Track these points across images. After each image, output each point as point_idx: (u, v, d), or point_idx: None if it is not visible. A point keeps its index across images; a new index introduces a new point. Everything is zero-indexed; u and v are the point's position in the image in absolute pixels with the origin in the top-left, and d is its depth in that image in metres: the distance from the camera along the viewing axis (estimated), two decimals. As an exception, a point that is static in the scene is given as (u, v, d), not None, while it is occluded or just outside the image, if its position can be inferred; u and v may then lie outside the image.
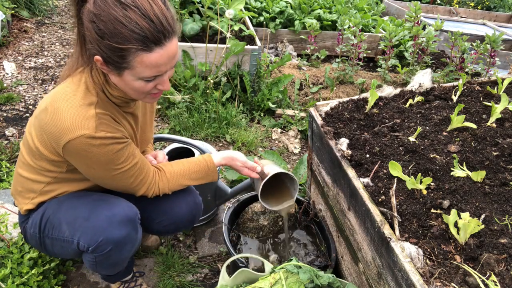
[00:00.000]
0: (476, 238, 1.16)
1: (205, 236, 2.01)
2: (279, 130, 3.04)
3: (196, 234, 2.02)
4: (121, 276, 1.55)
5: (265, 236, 1.86)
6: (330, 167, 1.63)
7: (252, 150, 2.76)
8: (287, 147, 2.88)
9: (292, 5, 4.34)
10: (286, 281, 1.29)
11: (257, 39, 3.31)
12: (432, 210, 1.25)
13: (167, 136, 1.88)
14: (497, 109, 1.63)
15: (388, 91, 1.96)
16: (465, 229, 1.11)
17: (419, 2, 5.75)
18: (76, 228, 1.24)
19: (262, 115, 3.17)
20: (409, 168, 1.41)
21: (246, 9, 4.18)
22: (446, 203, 1.25)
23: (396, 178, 1.35)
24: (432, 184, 1.35)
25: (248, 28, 3.51)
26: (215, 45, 3.01)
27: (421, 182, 1.27)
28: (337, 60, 3.64)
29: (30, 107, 2.93)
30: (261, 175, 1.52)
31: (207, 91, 2.95)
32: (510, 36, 4.86)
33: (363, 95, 1.91)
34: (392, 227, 1.21)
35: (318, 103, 1.85)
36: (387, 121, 1.71)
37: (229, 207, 1.86)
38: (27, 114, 2.84)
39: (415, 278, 1.04)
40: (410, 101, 1.86)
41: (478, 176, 1.34)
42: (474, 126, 1.58)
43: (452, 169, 1.39)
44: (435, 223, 1.22)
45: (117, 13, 1.00)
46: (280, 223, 1.88)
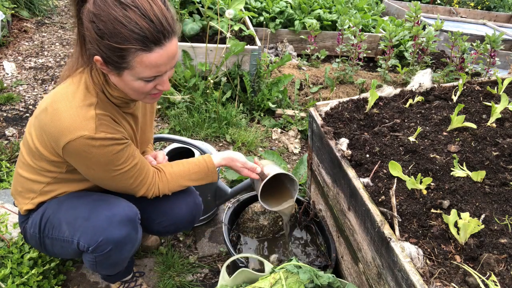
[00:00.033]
0: (476, 238, 1.16)
1: (205, 236, 2.01)
2: (279, 130, 3.04)
3: (196, 234, 2.02)
4: (121, 276, 1.55)
5: (265, 236, 1.86)
6: (330, 167, 1.63)
7: (252, 150, 2.76)
8: (287, 147, 2.88)
9: (292, 5, 4.34)
10: (286, 281, 1.29)
11: (257, 39, 3.31)
12: (432, 210, 1.25)
13: (167, 136, 1.88)
14: (497, 109, 1.63)
15: (388, 91, 1.96)
16: (465, 229, 1.11)
17: (419, 2, 5.75)
18: (76, 228, 1.24)
19: (262, 115, 3.17)
20: (409, 168, 1.41)
21: (246, 9, 4.18)
22: (446, 203, 1.25)
23: (396, 178, 1.35)
24: (432, 184, 1.35)
25: (248, 28, 3.51)
26: (215, 45, 3.01)
27: (421, 182, 1.27)
28: (337, 60, 3.64)
29: (30, 107, 2.93)
30: (261, 176, 1.52)
31: (207, 91, 2.95)
32: (510, 36, 4.86)
33: (363, 95, 1.91)
34: (392, 227, 1.21)
35: (318, 103, 1.85)
36: (387, 121, 1.71)
37: (229, 207, 1.86)
38: (27, 114, 2.84)
39: (415, 278, 1.04)
40: (410, 101, 1.86)
41: (478, 176, 1.34)
42: (474, 126, 1.58)
43: (452, 169, 1.39)
44: (435, 223, 1.22)
45: (117, 13, 1.00)
46: (280, 223, 1.88)
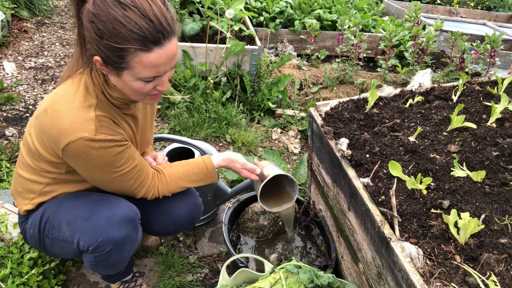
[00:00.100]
0: (476, 238, 1.16)
1: (205, 236, 2.01)
2: (279, 130, 3.04)
3: (196, 234, 2.02)
4: (121, 276, 1.54)
5: (265, 236, 1.86)
6: (330, 167, 1.63)
7: (252, 150, 2.76)
8: (287, 147, 2.87)
9: (292, 5, 4.34)
10: (286, 281, 1.29)
11: (257, 39, 3.31)
12: (432, 210, 1.25)
13: (167, 136, 1.88)
14: (497, 109, 1.63)
15: (388, 91, 1.96)
16: (465, 229, 1.11)
17: (419, 2, 5.75)
18: (76, 228, 1.24)
19: (262, 115, 3.17)
20: (409, 168, 1.41)
21: (246, 9, 4.18)
22: (446, 203, 1.25)
23: (396, 178, 1.35)
24: (432, 184, 1.35)
25: (248, 28, 3.51)
26: (215, 45, 3.01)
27: (421, 182, 1.27)
28: (337, 60, 3.64)
29: (30, 107, 2.93)
30: (260, 177, 1.52)
31: (207, 91, 2.95)
32: (510, 36, 4.86)
33: (363, 95, 1.91)
34: (392, 227, 1.21)
35: (318, 103, 1.85)
36: (387, 121, 1.71)
37: (229, 207, 1.86)
38: (27, 114, 2.84)
39: (415, 278, 1.04)
40: (410, 101, 1.86)
41: (478, 176, 1.34)
42: (474, 126, 1.58)
43: (452, 169, 1.39)
44: (435, 223, 1.22)
45: (116, 13, 1.00)
46: (280, 223, 1.88)
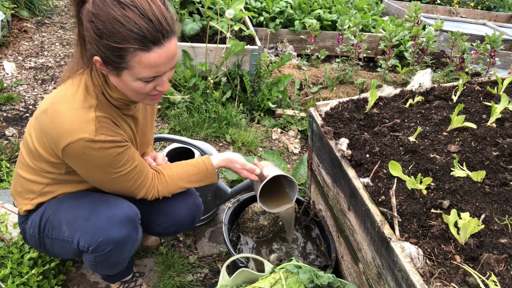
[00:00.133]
0: (476, 238, 1.16)
1: (205, 236, 2.01)
2: (279, 130, 3.04)
3: (196, 234, 2.02)
4: (121, 276, 1.54)
5: (265, 236, 1.86)
6: (330, 167, 1.63)
7: (252, 150, 2.76)
8: (287, 147, 2.87)
9: (292, 5, 4.34)
10: (286, 281, 1.29)
11: (257, 39, 3.31)
12: (432, 210, 1.25)
13: (167, 136, 1.88)
14: (497, 109, 1.63)
15: (388, 91, 1.96)
16: (465, 229, 1.11)
17: (419, 2, 5.75)
18: (76, 228, 1.24)
19: (262, 115, 3.17)
20: (409, 168, 1.41)
21: (246, 9, 4.18)
22: (446, 203, 1.25)
23: (396, 178, 1.35)
24: (432, 184, 1.35)
25: (248, 28, 3.51)
26: (215, 45, 3.01)
27: (421, 182, 1.27)
28: (337, 60, 3.64)
29: (30, 107, 2.93)
30: (260, 177, 1.52)
31: (207, 91, 2.95)
32: (510, 36, 4.86)
33: (363, 95, 1.91)
34: (392, 227, 1.21)
35: (318, 103, 1.85)
36: (387, 121, 1.71)
37: (229, 207, 1.86)
38: (27, 114, 2.84)
39: (415, 278, 1.04)
40: (410, 101, 1.86)
41: (478, 176, 1.34)
42: (474, 126, 1.58)
43: (452, 169, 1.39)
44: (435, 223, 1.22)
45: (115, 13, 1.00)
46: (280, 223, 1.88)
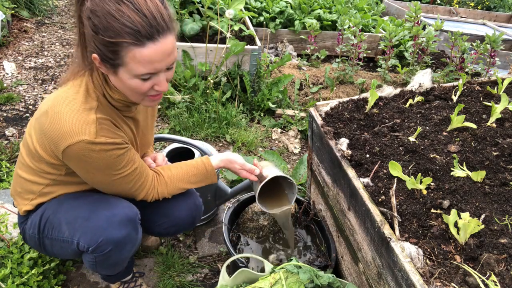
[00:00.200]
0: (476, 238, 1.16)
1: (205, 236, 2.01)
2: (279, 130, 3.04)
3: (196, 234, 2.02)
4: (121, 276, 1.54)
5: (265, 236, 1.86)
6: (330, 167, 1.63)
7: (252, 150, 2.76)
8: (287, 147, 2.87)
9: (292, 5, 4.34)
10: (286, 281, 1.29)
11: (257, 39, 3.31)
12: (432, 210, 1.25)
13: (167, 136, 1.88)
14: (497, 109, 1.63)
15: (388, 91, 1.96)
16: (465, 229, 1.11)
17: (419, 2, 5.75)
18: (76, 229, 1.24)
19: (262, 115, 3.17)
20: (409, 168, 1.41)
21: (246, 9, 4.18)
22: (446, 203, 1.25)
23: (396, 178, 1.35)
24: (432, 184, 1.35)
25: (248, 28, 3.51)
26: (215, 45, 3.01)
27: (421, 182, 1.27)
28: (337, 60, 3.64)
29: (30, 107, 2.93)
30: (259, 178, 1.52)
31: (207, 91, 2.95)
32: (510, 36, 4.86)
33: (363, 95, 1.91)
34: (392, 227, 1.21)
35: (318, 103, 1.85)
36: (387, 121, 1.71)
37: (229, 207, 1.86)
38: (27, 114, 2.84)
39: (415, 278, 1.04)
40: (410, 101, 1.86)
41: (478, 176, 1.34)
42: (474, 126, 1.58)
43: (452, 169, 1.39)
44: (435, 223, 1.22)
45: (110, 7, 1.00)
46: (280, 223, 1.88)
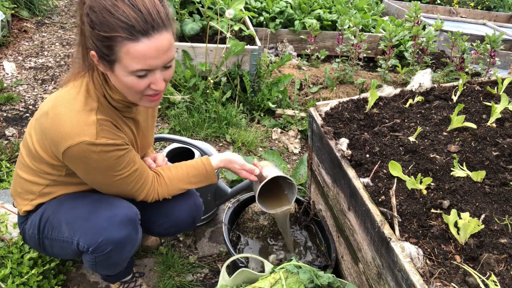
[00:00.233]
0: (476, 238, 1.16)
1: (205, 236, 2.01)
2: (279, 130, 3.04)
3: (196, 234, 2.02)
4: (121, 276, 1.54)
5: (265, 236, 1.86)
6: (330, 167, 1.63)
7: (252, 150, 2.76)
8: (287, 147, 2.87)
9: (292, 5, 4.34)
10: (286, 281, 1.29)
11: (257, 39, 3.31)
12: (432, 210, 1.25)
13: (167, 136, 1.88)
14: (497, 109, 1.63)
15: (388, 91, 1.96)
16: (465, 229, 1.11)
17: (419, 2, 5.75)
18: (76, 229, 1.24)
19: (262, 115, 3.17)
20: (409, 168, 1.41)
21: (246, 9, 4.18)
22: (446, 203, 1.25)
23: (396, 178, 1.35)
24: (432, 184, 1.35)
25: (248, 28, 3.51)
26: (215, 45, 3.01)
27: (421, 182, 1.27)
28: (337, 60, 3.64)
29: (30, 107, 2.93)
30: (259, 178, 1.52)
31: (207, 91, 2.95)
32: (510, 36, 4.86)
33: (363, 95, 1.91)
34: (392, 227, 1.21)
35: (318, 103, 1.85)
36: (387, 121, 1.71)
37: (229, 207, 1.86)
38: (27, 114, 2.84)
39: (415, 278, 1.04)
40: (410, 101, 1.86)
41: (478, 176, 1.34)
42: (474, 126, 1.58)
43: (452, 169, 1.39)
44: (435, 223, 1.22)
45: (106, 2, 1.01)
46: (280, 223, 1.88)
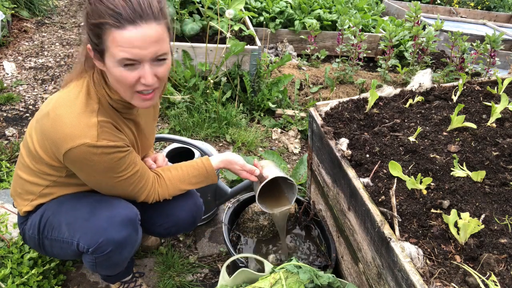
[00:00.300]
0: (476, 238, 1.16)
1: (205, 236, 2.01)
2: (279, 130, 3.04)
3: (196, 234, 2.02)
4: (121, 276, 1.54)
5: (265, 236, 1.86)
6: (330, 167, 1.63)
7: (252, 150, 2.76)
8: (287, 147, 2.87)
9: (292, 5, 4.34)
10: (286, 281, 1.29)
11: (257, 39, 3.31)
12: (432, 210, 1.25)
13: (167, 136, 1.88)
14: (497, 109, 1.63)
15: (388, 91, 1.96)
16: (465, 229, 1.11)
17: (419, 2, 5.75)
18: (76, 229, 1.24)
19: (262, 115, 3.17)
20: (409, 168, 1.41)
21: (246, 9, 4.18)
22: (446, 203, 1.25)
23: (396, 178, 1.35)
24: (432, 184, 1.35)
25: (248, 28, 3.51)
26: (215, 45, 3.01)
27: (421, 182, 1.27)
28: (337, 60, 3.64)
29: (30, 107, 2.93)
30: (259, 178, 1.52)
31: (207, 91, 2.95)
32: (510, 36, 4.86)
33: (363, 95, 1.91)
34: (392, 227, 1.21)
35: (318, 103, 1.85)
36: (387, 121, 1.71)
37: (229, 207, 1.86)
38: (27, 114, 2.84)
39: (415, 278, 1.04)
40: (410, 101, 1.86)
41: (478, 176, 1.34)
42: (474, 126, 1.58)
43: (452, 169, 1.39)
44: (435, 223, 1.22)
45: None
46: (280, 223, 1.88)
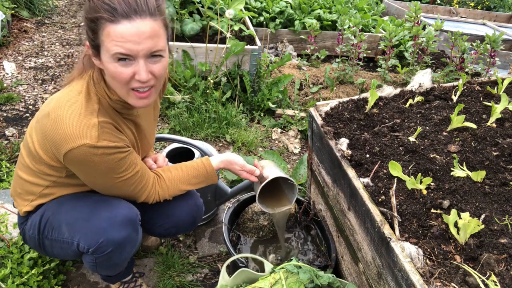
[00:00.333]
0: (476, 238, 1.16)
1: (205, 236, 2.01)
2: (279, 130, 3.04)
3: (196, 234, 2.02)
4: (121, 276, 1.54)
5: (265, 236, 1.86)
6: (330, 167, 1.63)
7: (252, 150, 2.76)
8: (287, 147, 2.87)
9: (292, 5, 4.34)
10: (286, 281, 1.29)
11: (257, 39, 3.31)
12: (432, 210, 1.25)
13: (167, 136, 1.88)
14: (497, 109, 1.63)
15: (388, 91, 1.96)
16: (465, 229, 1.11)
17: (419, 2, 5.75)
18: (76, 229, 1.24)
19: (262, 115, 3.17)
20: (409, 168, 1.41)
21: (246, 9, 4.18)
22: (446, 203, 1.25)
23: (396, 178, 1.35)
24: (432, 184, 1.35)
25: (248, 28, 3.51)
26: (215, 45, 3.01)
27: (421, 182, 1.27)
28: (337, 60, 3.64)
29: (30, 107, 2.93)
30: (259, 179, 1.51)
31: (207, 91, 2.95)
32: (510, 36, 4.86)
33: (363, 95, 1.91)
34: (392, 227, 1.21)
35: (318, 103, 1.85)
36: (387, 121, 1.71)
37: (229, 207, 1.86)
38: (27, 114, 2.84)
39: (415, 278, 1.04)
40: (410, 101, 1.86)
41: (478, 176, 1.34)
42: (474, 126, 1.58)
43: (452, 169, 1.39)
44: (435, 223, 1.22)
45: None
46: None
